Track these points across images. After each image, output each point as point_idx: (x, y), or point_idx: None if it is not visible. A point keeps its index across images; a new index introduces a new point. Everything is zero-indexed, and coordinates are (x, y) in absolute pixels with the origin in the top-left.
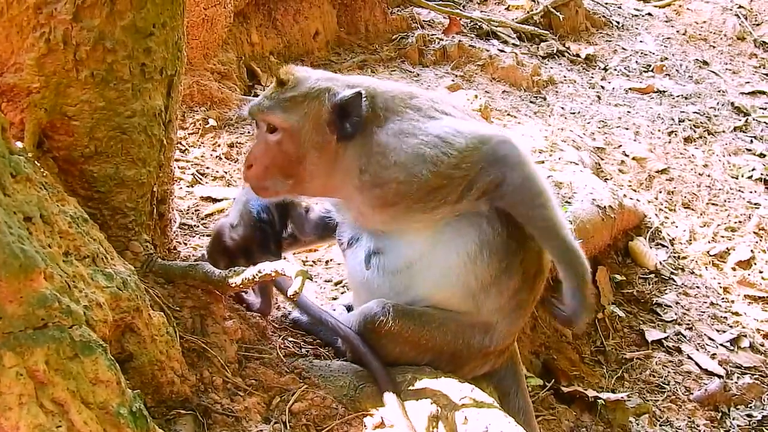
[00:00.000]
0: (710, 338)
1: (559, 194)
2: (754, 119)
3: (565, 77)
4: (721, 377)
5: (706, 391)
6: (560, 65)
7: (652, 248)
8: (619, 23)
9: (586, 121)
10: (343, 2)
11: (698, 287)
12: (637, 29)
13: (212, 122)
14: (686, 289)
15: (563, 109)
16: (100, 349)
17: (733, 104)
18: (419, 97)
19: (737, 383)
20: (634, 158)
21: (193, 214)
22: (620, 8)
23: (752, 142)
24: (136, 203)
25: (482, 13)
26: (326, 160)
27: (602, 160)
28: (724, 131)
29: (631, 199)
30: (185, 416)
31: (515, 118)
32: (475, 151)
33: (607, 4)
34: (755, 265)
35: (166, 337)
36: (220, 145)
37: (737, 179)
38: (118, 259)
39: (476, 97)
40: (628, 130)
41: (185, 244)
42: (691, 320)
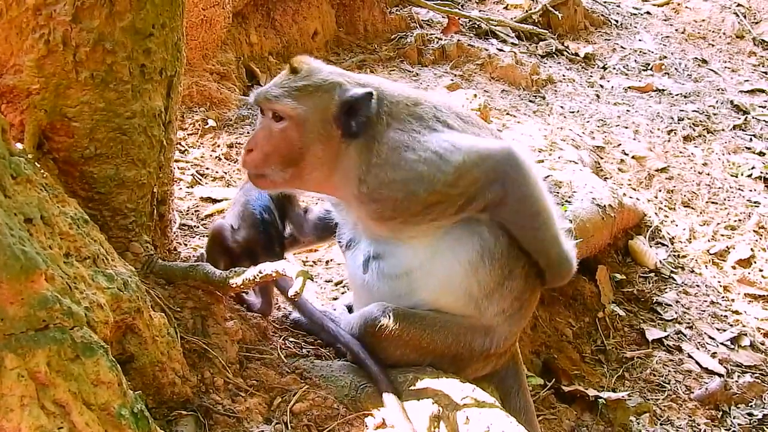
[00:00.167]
0: (711, 337)
1: (558, 193)
2: (753, 117)
3: (564, 76)
4: (721, 376)
5: (706, 390)
6: (559, 64)
7: (652, 247)
8: (617, 22)
9: (585, 119)
10: (341, 2)
11: (698, 286)
12: (635, 28)
13: (211, 123)
14: (686, 287)
15: (562, 108)
16: (101, 350)
17: (732, 102)
18: (423, 104)
19: (738, 382)
20: (633, 157)
21: (193, 214)
22: (619, 7)
23: (752, 140)
24: (136, 204)
25: (481, 12)
26: (328, 155)
27: (602, 159)
28: (723, 129)
29: (630, 197)
30: (186, 417)
31: (514, 117)
32: (474, 167)
33: (605, 2)
34: (755, 263)
35: (167, 338)
36: (219, 145)
37: (737, 177)
38: (118, 260)
39: (475, 96)
40: (627, 128)
41: (185, 244)
42: (691, 319)
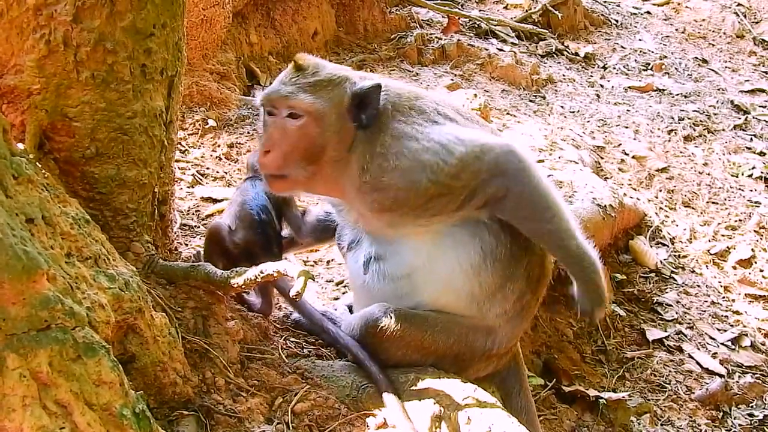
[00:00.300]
0: (711, 337)
1: None
2: (753, 117)
3: (564, 76)
4: (722, 376)
5: (707, 390)
6: (559, 64)
7: (652, 247)
8: (617, 22)
9: (585, 119)
10: (341, 2)
11: (699, 286)
12: (635, 27)
13: (212, 123)
14: (687, 288)
15: (563, 107)
16: (103, 350)
17: (732, 102)
18: (424, 98)
19: (738, 382)
20: (633, 157)
21: (193, 214)
22: (619, 6)
23: (752, 140)
24: (137, 204)
25: (481, 12)
26: (344, 148)
27: (602, 158)
28: (723, 129)
29: (631, 197)
30: (188, 417)
31: (514, 117)
32: (476, 160)
33: (605, 2)
34: (756, 263)
35: (168, 338)
36: (219, 145)
37: (737, 177)
38: (120, 260)
39: (475, 96)
40: (627, 128)
41: (186, 244)
42: (692, 319)
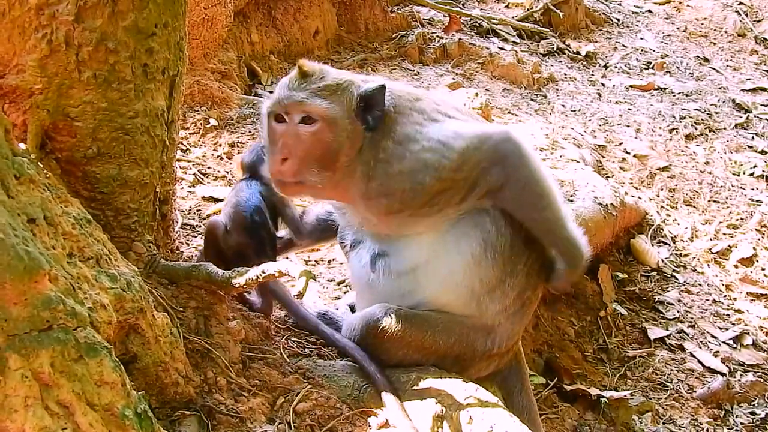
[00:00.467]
0: (713, 336)
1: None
2: (755, 116)
3: (565, 75)
4: (724, 375)
5: (709, 389)
6: (560, 63)
7: (653, 246)
8: (619, 20)
9: (586, 118)
10: (342, 1)
11: (700, 285)
12: (637, 26)
13: (213, 122)
14: (688, 286)
15: (564, 106)
16: (104, 350)
17: (734, 101)
18: (423, 99)
19: (740, 381)
20: (635, 156)
21: (195, 214)
22: (620, 5)
23: (753, 138)
24: (138, 204)
25: (482, 11)
26: (354, 152)
27: (603, 157)
28: (725, 128)
29: (632, 196)
30: (189, 417)
31: (516, 116)
32: (475, 151)
33: (607, 1)
34: (757, 262)
35: (170, 338)
36: (221, 144)
37: (739, 176)
38: (121, 260)
39: (477, 95)
40: (629, 127)
41: (187, 244)
42: (693, 318)
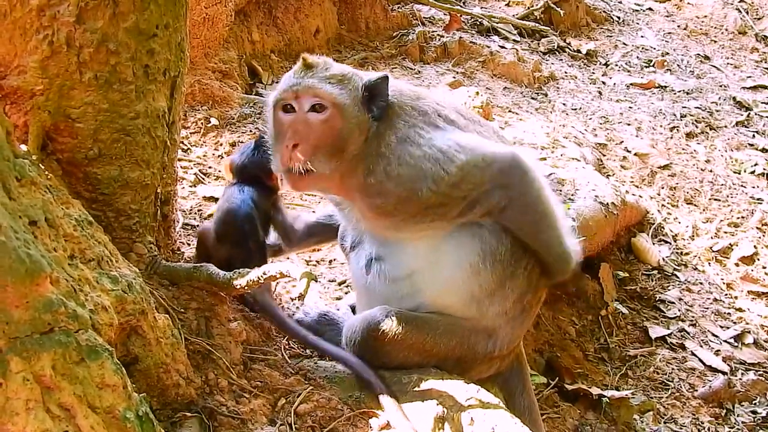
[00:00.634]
0: (714, 335)
1: (561, 191)
2: (756, 114)
3: (566, 73)
4: (725, 374)
5: (710, 387)
6: (561, 61)
7: (654, 244)
8: (619, 18)
9: (587, 117)
10: (343, 0)
11: (701, 283)
12: (637, 24)
13: (214, 121)
14: (689, 285)
15: (564, 105)
16: (106, 353)
17: (734, 99)
18: (425, 99)
19: (741, 380)
20: (636, 154)
21: (196, 214)
22: (621, 3)
23: (754, 136)
24: (140, 205)
25: (483, 9)
26: (362, 141)
27: (604, 156)
28: (726, 126)
29: (633, 195)
30: (191, 419)
31: (516, 114)
32: (477, 170)
33: None
34: (758, 260)
35: (171, 339)
36: (222, 144)
37: (740, 174)
38: (122, 261)
39: (477, 93)
40: (629, 125)
41: (188, 244)
42: (694, 317)
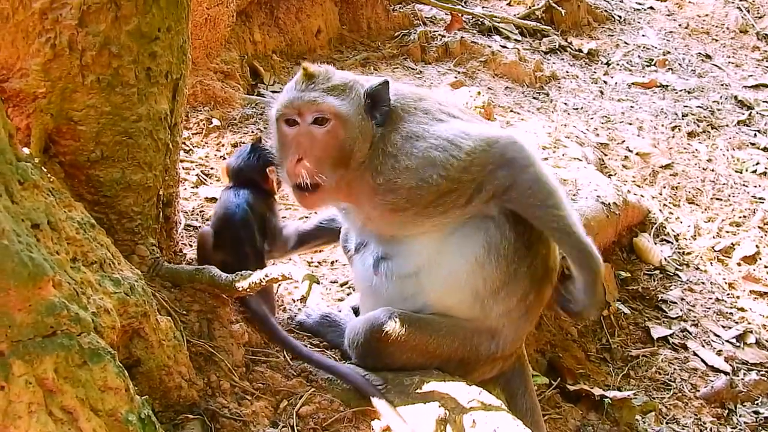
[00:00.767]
0: (716, 334)
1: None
2: (757, 113)
3: (567, 72)
4: (727, 374)
5: (712, 388)
6: (563, 60)
7: (656, 244)
8: (620, 17)
9: (589, 116)
10: (344, 0)
11: (703, 283)
12: (639, 23)
13: (216, 122)
14: (691, 285)
15: (566, 104)
16: (108, 356)
17: (736, 98)
18: (427, 99)
19: (744, 380)
20: (637, 153)
21: (198, 215)
22: (622, 2)
23: (756, 135)
24: (142, 207)
25: (484, 9)
26: (366, 148)
27: (606, 155)
28: (727, 125)
29: (635, 194)
30: (193, 421)
31: (518, 114)
32: (483, 153)
33: None
34: (760, 260)
35: (173, 341)
36: (224, 145)
37: (741, 173)
38: (125, 264)
39: (479, 93)
40: (631, 125)
41: (190, 246)
42: (696, 316)
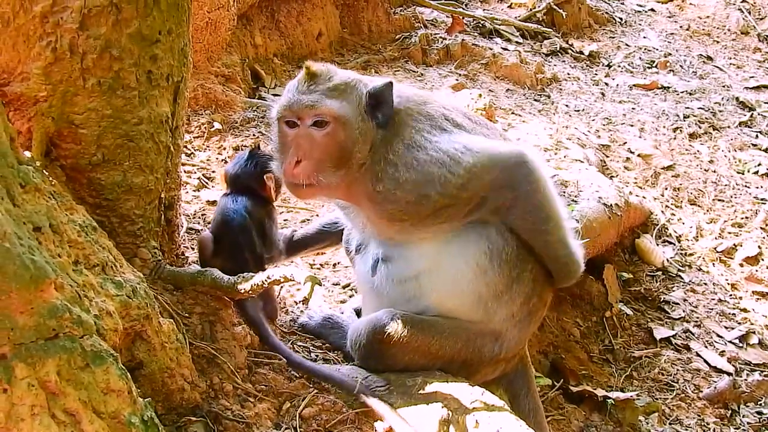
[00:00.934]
0: (719, 335)
1: (565, 193)
2: (759, 114)
3: (568, 74)
4: (730, 374)
5: (715, 388)
6: (564, 62)
7: (658, 245)
8: (622, 19)
9: (590, 118)
10: (345, 3)
11: (706, 284)
12: (640, 25)
13: (217, 125)
14: (694, 286)
15: (567, 106)
16: (111, 358)
17: (737, 99)
18: (432, 103)
19: (747, 380)
20: (639, 155)
21: (200, 218)
22: (623, 4)
23: (757, 137)
24: (143, 210)
25: (485, 11)
26: (368, 149)
27: (607, 157)
28: (729, 126)
29: (637, 196)
30: (196, 423)
31: (519, 116)
32: (484, 170)
33: (609, 0)
34: (763, 260)
35: (175, 344)
36: (225, 148)
37: (743, 174)
38: (127, 266)
39: (480, 96)
40: (632, 126)
41: (192, 249)
42: (699, 317)
